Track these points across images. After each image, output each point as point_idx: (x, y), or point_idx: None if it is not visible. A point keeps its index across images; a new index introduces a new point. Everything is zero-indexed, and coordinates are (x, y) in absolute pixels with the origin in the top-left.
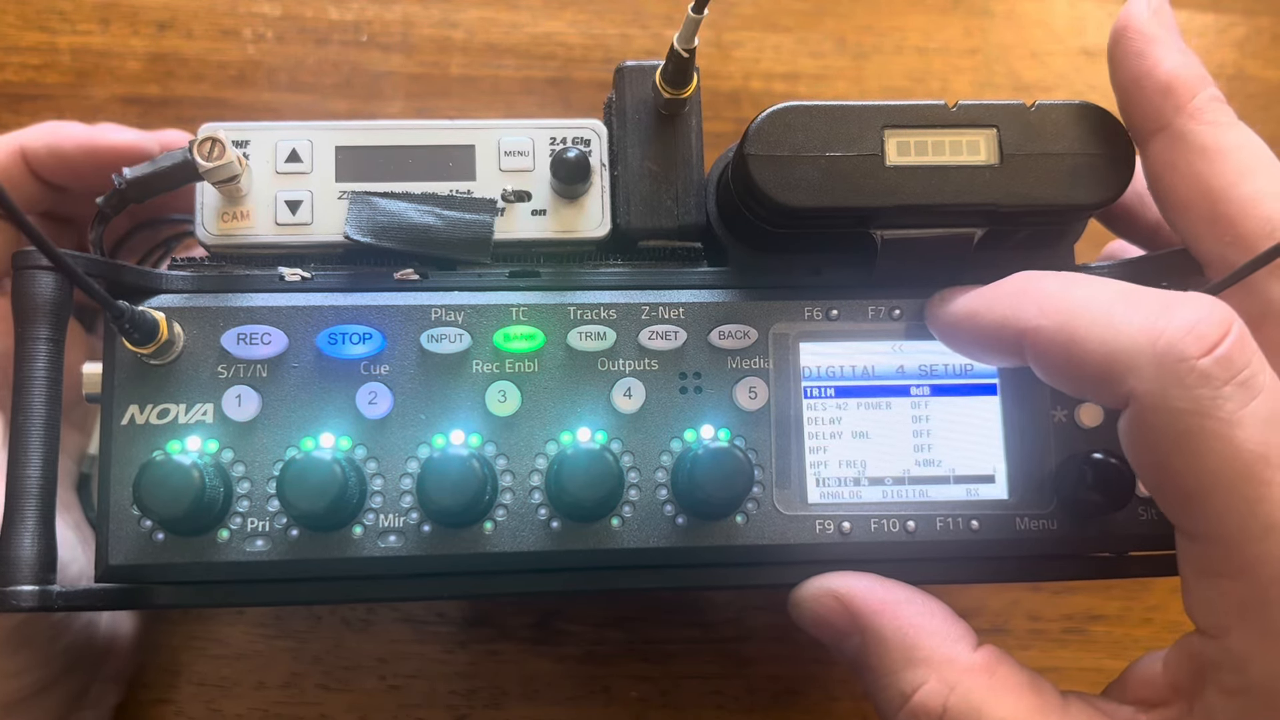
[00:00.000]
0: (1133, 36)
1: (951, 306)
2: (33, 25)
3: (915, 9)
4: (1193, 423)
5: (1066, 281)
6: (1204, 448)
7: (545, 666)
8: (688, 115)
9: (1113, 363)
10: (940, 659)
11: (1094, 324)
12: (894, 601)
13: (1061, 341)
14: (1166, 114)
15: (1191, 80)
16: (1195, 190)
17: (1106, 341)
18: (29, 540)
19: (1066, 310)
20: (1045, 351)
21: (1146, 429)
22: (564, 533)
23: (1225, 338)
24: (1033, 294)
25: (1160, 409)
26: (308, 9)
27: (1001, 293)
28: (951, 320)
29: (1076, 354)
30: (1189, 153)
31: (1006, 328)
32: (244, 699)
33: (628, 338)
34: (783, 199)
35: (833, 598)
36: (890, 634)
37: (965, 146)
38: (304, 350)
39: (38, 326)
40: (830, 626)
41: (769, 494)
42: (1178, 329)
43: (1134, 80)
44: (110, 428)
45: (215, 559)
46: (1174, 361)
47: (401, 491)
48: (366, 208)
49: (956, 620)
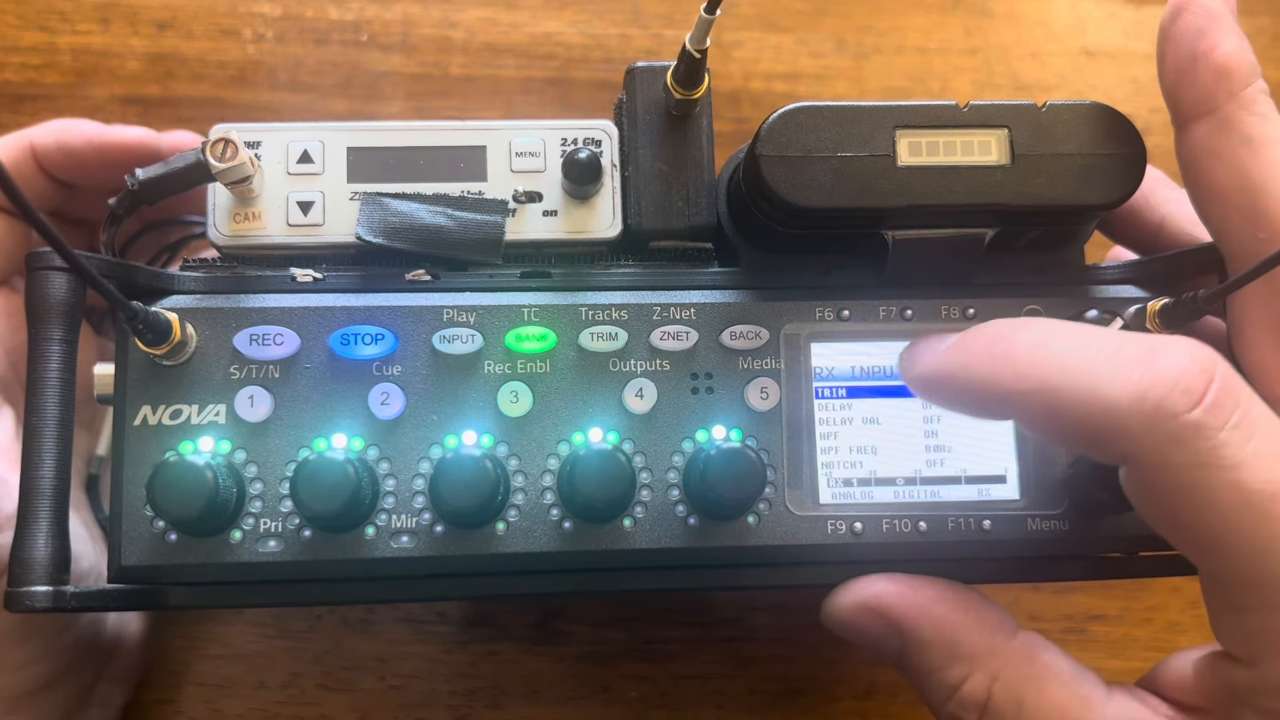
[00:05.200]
0: (1196, 12)
1: (922, 368)
2: (33, 25)
3: (915, 9)
4: (1197, 475)
5: (1041, 336)
6: (1213, 497)
7: (545, 666)
8: (698, 116)
9: (1102, 427)
10: (981, 651)
11: (1077, 387)
12: (928, 602)
13: (1045, 406)
14: (1218, 98)
15: (1247, 67)
16: (1235, 181)
17: (1093, 405)
18: (43, 541)
19: (1046, 373)
20: (1030, 417)
21: (1151, 488)
22: (576, 533)
23: (1211, 384)
24: (1008, 355)
25: (1161, 467)
26: (308, 9)
27: (974, 351)
28: (925, 383)
29: (1062, 419)
30: (1234, 141)
31: (986, 394)
32: (244, 699)
33: (639, 338)
34: (794, 199)
35: (866, 609)
36: (929, 634)
37: (977, 147)
38: (316, 351)
39: (51, 327)
40: (867, 635)
41: (781, 494)
42: (1164, 385)
43: (1188, 58)
44: (123, 429)
45: (228, 560)
46: (1166, 419)
47: (414, 492)
48: (378, 209)
49: (993, 608)
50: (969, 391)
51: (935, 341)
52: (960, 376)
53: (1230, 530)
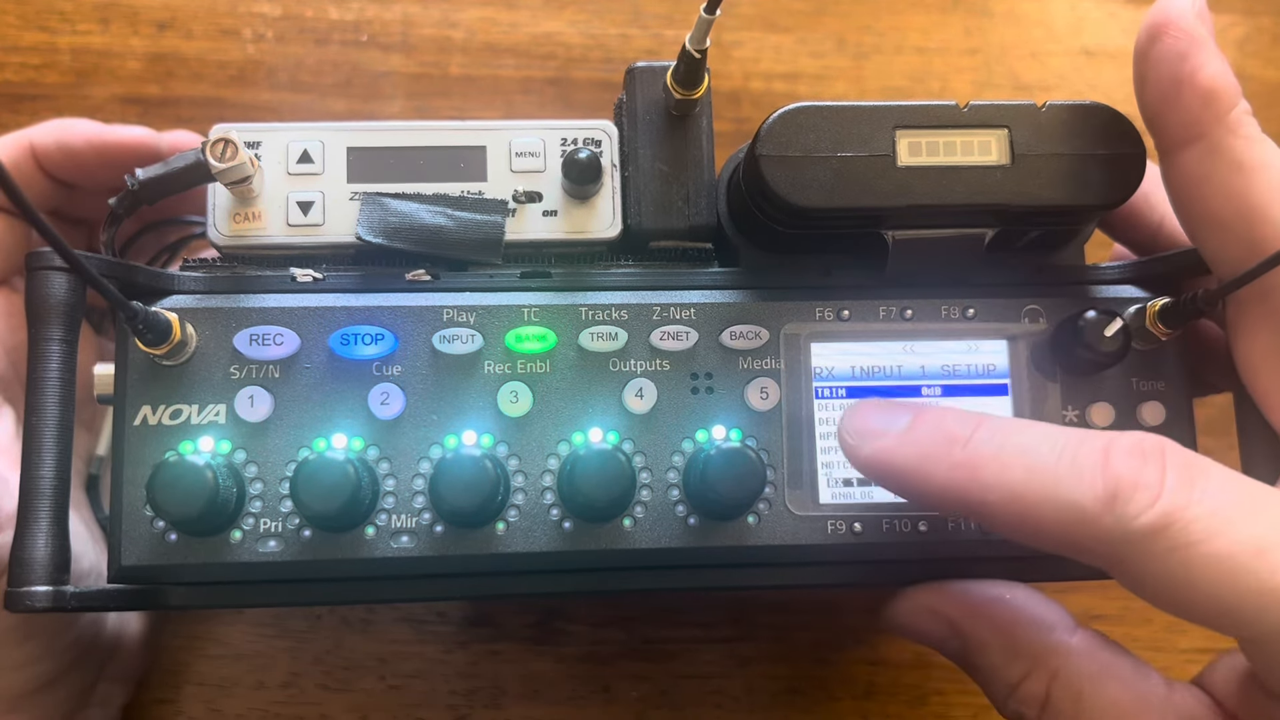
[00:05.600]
0: (1176, 35)
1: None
2: (33, 25)
3: (915, 9)
4: (1177, 558)
5: (997, 440)
6: (1201, 573)
7: (545, 666)
8: (698, 116)
9: (1075, 535)
10: (1040, 650)
11: (1043, 496)
12: (987, 603)
13: (1014, 516)
14: (1205, 123)
15: (1232, 90)
16: (1229, 207)
17: (1062, 514)
18: (43, 541)
19: (1009, 483)
20: (997, 524)
21: (1144, 582)
22: (576, 533)
23: (1165, 471)
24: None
25: (1143, 562)
26: (308, 9)
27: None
28: (874, 471)
29: (1032, 529)
30: (1225, 167)
31: (948, 501)
32: (244, 699)
33: (639, 338)
34: (795, 199)
35: (928, 612)
36: (988, 636)
37: (977, 147)
38: (316, 351)
39: (51, 327)
40: (929, 637)
41: (781, 494)
42: (1127, 486)
43: (1172, 83)
44: (122, 429)
45: (228, 560)
46: (1134, 518)
47: (414, 492)
48: (378, 209)
49: (1051, 607)
50: (930, 496)
51: (879, 416)
52: (920, 480)
53: (1230, 601)
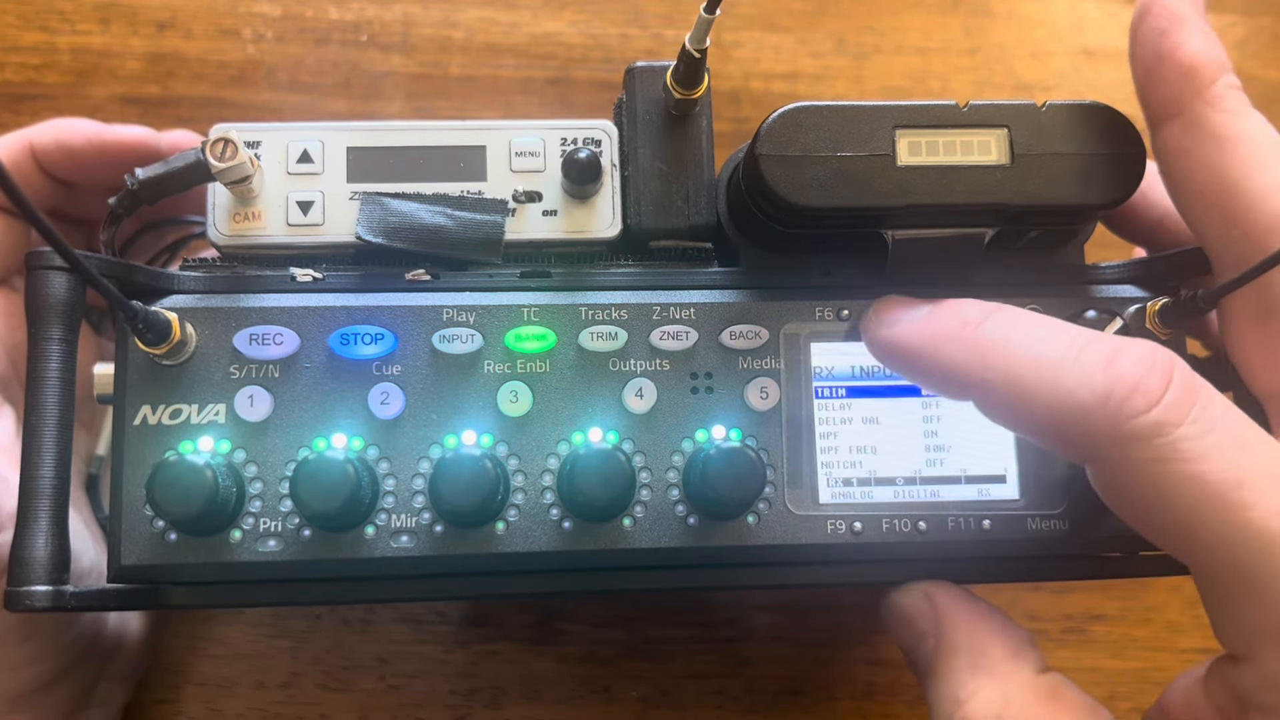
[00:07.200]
0: (1158, 14)
1: (890, 335)
2: (33, 25)
3: (915, 9)
4: (1158, 470)
5: (1008, 326)
6: (1177, 490)
7: (545, 666)
8: (698, 115)
9: (1065, 425)
10: (1002, 671)
11: (1042, 382)
12: (975, 613)
13: (1010, 398)
14: (1185, 98)
15: (1213, 65)
16: (1207, 180)
17: (1056, 403)
18: (43, 540)
19: (1012, 365)
20: (992, 405)
21: (1118, 487)
22: (576, 533)
23: (1170, 384)
24: (978, 342)
25: (1123, 465)
26: (308, 9)
27: (944, 333)
28: (890, 351)
29: (1025, 413)
30: (1203, 140)
31: (950, 377)
32: (244, 699)
33: (639, 338)
34: (794, 199)
35: (924, 594)
36: (962, 639)
37: (976, 146)
38: (316, 351)
39: (51, 327)
40: (915, 626)
41: (780, 494)
42: (1125, 387)
43: (1154, 59)
44: (122, 428)
45: (228, 559)
46: (1127, 419)
47: (414, 492)
48: (378, 208)
49: (1030, 644)
50: (934, 371)
51: (903, 309)
52: (928, 355)
53: (1199, 521)
